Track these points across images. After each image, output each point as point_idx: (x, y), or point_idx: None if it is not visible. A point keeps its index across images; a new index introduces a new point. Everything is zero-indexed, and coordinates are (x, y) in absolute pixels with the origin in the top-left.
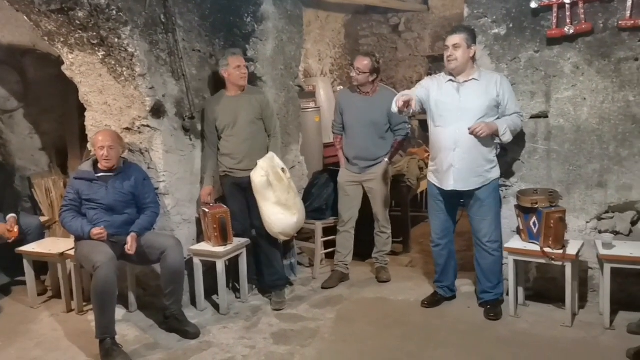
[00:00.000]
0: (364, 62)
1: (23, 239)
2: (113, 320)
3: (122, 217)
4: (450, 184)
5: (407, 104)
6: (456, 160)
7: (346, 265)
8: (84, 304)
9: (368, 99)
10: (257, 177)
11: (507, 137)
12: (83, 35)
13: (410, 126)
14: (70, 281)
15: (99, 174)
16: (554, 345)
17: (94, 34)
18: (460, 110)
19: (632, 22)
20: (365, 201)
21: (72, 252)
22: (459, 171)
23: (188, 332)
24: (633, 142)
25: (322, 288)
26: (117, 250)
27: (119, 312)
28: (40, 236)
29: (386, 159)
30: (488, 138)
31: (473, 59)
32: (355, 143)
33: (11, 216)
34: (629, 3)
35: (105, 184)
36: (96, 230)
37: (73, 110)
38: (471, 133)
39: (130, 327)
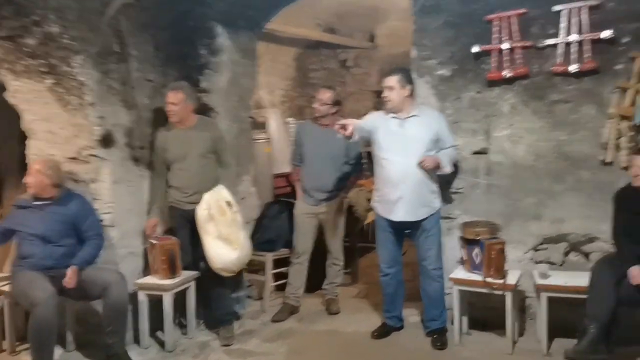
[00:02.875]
0: (326, 95)
1: None
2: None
3: (60, 248)
4: (399, 215)
5: (343, 127)
6: (405, 192)
7: (297, 298)
8: (17, 343)
9: (328, 132)
10: (200, 210)
11: (448, 169)
12: (31, 62)
13: (366, 161)
14: (2, 319)
15: (37, 202)
16: None
17: (44, 61)
18: (406, 144)
19: (563, 67)
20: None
21: (3, 288)
22: (408, 202)
23: None
24: (565, 178)
25: (273, 321)
26: (56, 284)
27: (56, 351)
28: None
29: (342, 194)
30: (432, 170)
31: (411, 96)
32: (313, 174)
33: None
34: (560, 50)
35: (41, 212)
36: None
37: (12, 137)
38: (420, 166)
39: None
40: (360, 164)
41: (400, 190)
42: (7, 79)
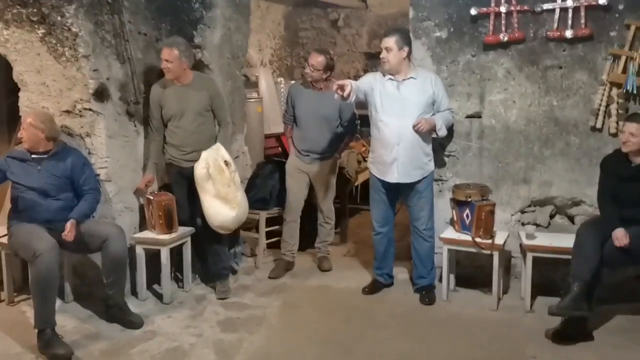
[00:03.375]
0: (318, 59)
1: None
2: (53, 310)
3: (57, 202)
4: (394, 177)
5: (340, 87)
6: (400, 155)
7: (292, 254)
8: (15, 294)
9: (321, 95)
10: (198, 169)
11: (442, 132)
12: (22, 11)
13: (359, 121)
14: (0, 270)
15: (33, 156)
16: (482, 326)
17: (35, 10)
18: (403, 106)
19: (559, 33)
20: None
21: (2, 240)
22: (402, 165)
23: (131, 321)
24: (555, 142)
25: (270, 278)
26: (55, 237)
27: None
28: None
29: (336, 154)
30: (427, 133)
31: (408, 58)
32: (307, 137)
33: None
34: (557, 16)
35: (38, 165)
36: None
37: (0, 89)
38: (415, 128)
39: (68, 318)
40: (354, 126)
41: (395, 152)
42: None
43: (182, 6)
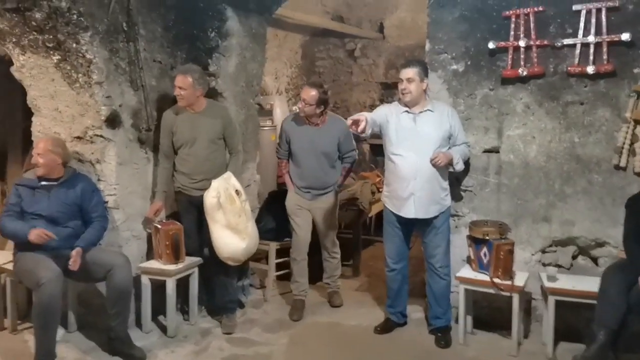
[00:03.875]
0: (310, 94)
1: None
2: (54, 341)
3: (65, 230)
4: (411, 212)
5: (355, 122)
6: (417, 189)
7: (306, 293)
8: (18, 322)
9: (317, 130)
10: (209, 198)
11: (460, 166)
12: (38, 37)
13: (357, 152)
14: (5, 297)
15: (42, 183)
16: None
17: (51, 37)
18: (419, 140)
19: (580, 68)
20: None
21: (7, 266)
22: (419, 199)
23: (134, 355)
24: (576, 180)
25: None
26: (60, 265)
27: (58, 332)
28: None
29: (337, 188)
30: (444, 167)
31: (425, 91)
32: (306, 173)
33: None
34: (578, 51)
35: (48, 193)
36: (36, 231)
37: (16, 112)
38: (432, 162)
39: (69, 349)
40: (354, 157)
41: (411, 186)
42: (14, 53)
43: (198, 35)
